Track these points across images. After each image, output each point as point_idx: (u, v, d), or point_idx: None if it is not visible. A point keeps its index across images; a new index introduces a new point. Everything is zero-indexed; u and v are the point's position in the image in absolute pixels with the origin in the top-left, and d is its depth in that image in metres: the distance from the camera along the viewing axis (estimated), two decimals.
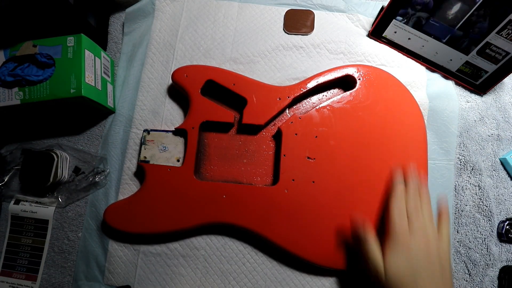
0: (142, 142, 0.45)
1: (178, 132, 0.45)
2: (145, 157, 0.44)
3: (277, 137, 0.46)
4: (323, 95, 0.48)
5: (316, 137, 0.43)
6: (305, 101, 0.48)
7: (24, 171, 0.44)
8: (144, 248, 0.44)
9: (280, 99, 0.45)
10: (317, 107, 0.45)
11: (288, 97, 0.45)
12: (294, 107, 0.47)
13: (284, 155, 0.43)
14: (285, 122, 0.44)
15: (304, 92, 0.45)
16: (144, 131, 0.45)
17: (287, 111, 0.47)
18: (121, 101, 0.49)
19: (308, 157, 0.43)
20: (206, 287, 0.43)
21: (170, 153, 0.45)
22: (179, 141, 0.45)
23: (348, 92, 0.45)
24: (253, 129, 0.46)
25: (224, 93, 0.46)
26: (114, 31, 0.53)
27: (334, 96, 0.46)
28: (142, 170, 0.44)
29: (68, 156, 0.47)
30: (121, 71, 0.51)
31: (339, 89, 0.48)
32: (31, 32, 0.44)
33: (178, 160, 0.44)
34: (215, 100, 0.46)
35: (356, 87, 0.45)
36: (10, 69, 0.42)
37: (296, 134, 0.44)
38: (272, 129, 0.46)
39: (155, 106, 0.48)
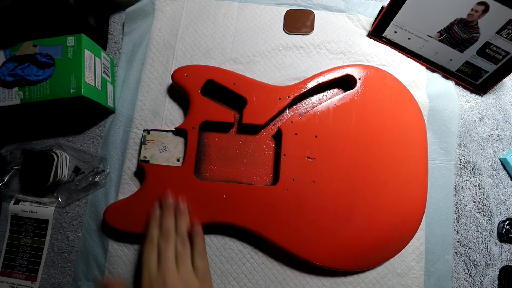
0: (142, 142, 0.45)
1: (178, 132, 0.45)
2: (145, 157, 0.44)
3: (277, 137, 0.46)
4: (323, 95, 0.48)
5: (316, 137, 0.43)
6: (305, 101, 0.48)
7: (24, 171, 0.44)
8: None
9: (280, 99, 0.45)
10: (317, 107, 0.45)
11: (288, 97, 0.45)
12: (294, 107, 0.47)
13: (284, 155, 0.43)
14: (285, 122, 0.44)
15: (304, 92, 0.45)
16: (144, 130, 0.45)
17: (287, 111, 0.47)
18: (121, 101, 0.49)
19: (308, 157, 0.43)
20: None
21: (170, 153, 0.44)
22: (179, 141, 0.45)
23: (348, 92, 0.45)
24: (253, 129, 0.46)
25: (224, 93, 0.46)
26: (114, 31, 0.53)
27: (334, 96, 0.46)
28: (142, 170, 0.44)
29: (68, 156, 0.47)
30: (121, 71, 0.51)
31: (339, 89, 0.48)
32: (31, 32, 0.44)
33: (178, 160, 0.44)
34: (215, 100, 0.46)
35: (356, 87, 0.45)
36: (10, 69, 0.42)
37: (296, 134, 0.43)
38: (272, 129, 0.46)
39: (155, 106, 0.48)
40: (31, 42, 0.43)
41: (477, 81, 0.49)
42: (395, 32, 0.49)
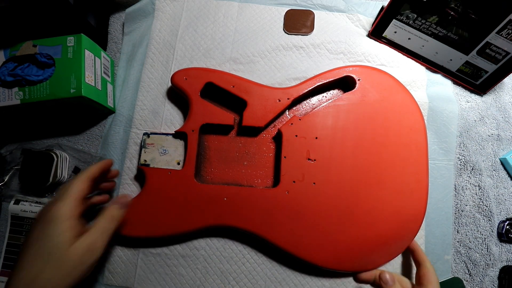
0: (142, 146, 0.45)
1: (178, 135, 0.45)
2: (145, 161, 0.44)
3: (277, 138, 0.46)
4: (323, 96, 0.48)
5: (316, 138, 0.43)
6: (305, 102, 0.47)
7: (24, 171, 0.44)
8: (144, 248, 0.44)
9: (280, 100, 0.45)
10: (317, 109, 0.44)
11: (288, 99, 0.45)
12: (294, 108, 0.47)
13: (285, 157, 0.43)
14: (285, 124, 0.44)
15: (304, 93, 0.45)
16: (144, 134, 0.45)
17: (287, 112, 0.47)
18: (121, 101, 0.49)
19: (309, 159, 0.43)
20: (206, 287, 0.43)
21: (170, 156, 0.44)
22: (179, 144, 0.45)
23: (348, 93, 0.45)
24: (253, 131, 0.46)
25: (224, 95, 0.46)
26: (114, 31, 0.53)
27: (334, 97, 0.46)
28: (142, 174, 0.44)
29: (68, 156, 0.47)
30: (121, 71, 0.51)
31: (339, 89, 0.48)
32: (31, 32, 0.44)
33: (178, 163, 0.44)
34: (214, 103, 0.46)
35: (356, 87, 0.45)
36: (10, 69, 0.42)
37: (296, 136, 0.43)
38: (272, 131, 0.46)
39: (155, 106, 0.48)
40: (31, 42, 0.43)
41: (477, 81, 0.49)
42: (395, 32, 0.49)
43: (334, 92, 0.48)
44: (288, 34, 0.51)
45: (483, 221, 0.46)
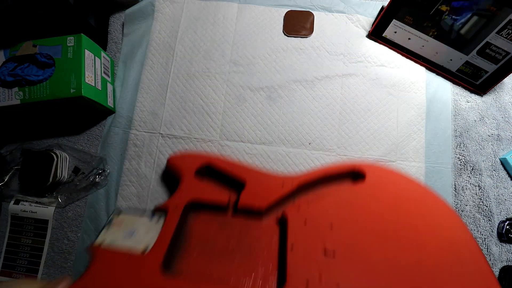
0: (107, 222, 0.36)
1: (157, 211, 0.37)
2: (102, 241, 0.34)
3: (282, 225, 0.38)
4: (331, 184, 0.41)
5: (331, 229, 0.36)
6: (311, 188, 0.41)
7: (24, 171, 0.44)
8: None
9: (283, 186, 0.38)
10: (328, 195, 0.38)
11: (293, 184, 0.39)
12: (300, 194, 0.40)
13: (292, 249, 0.34)
14: (291, 207, 0.37)
15: (310, 183, 0.40)
16: (115, 209, 0.37)
17: (292, 198, 0.40)
18: (120, 102, 0.49)
19: (326, 254, 0.35)
20: None
21: (136, 239, 0.35)
22: (154, 227, 0.36)
23: (358, 184, 0.40)
24: (251, 216, 0.38)
25: (222, 177, 0.40)
26: (114, 31, 0.53)
27: (343, 184, 0.40)
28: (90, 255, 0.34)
29: (67, 156, 0.47)
30: (121, 72, 0.51)
31: (346, 178, 0.42)
32: (31, 32, 0.44)
33: (144, 251, 0.34)
34: (210, 181, 0.40)
35: (365, 180, 0.40)
36: (10, 69, 0.42)
37: (305, 224, 0.36)
38: (274, 215, 0.39)
39: (155, 107, 0.48)
40: (31, 42, 0.43)
41: (477, 81, 0.49)
42: (395, 32, 0.49)
43: (342, 180, 0.42)
44: (288, 36, 0.51)
45: (483, 221, 0.46)
